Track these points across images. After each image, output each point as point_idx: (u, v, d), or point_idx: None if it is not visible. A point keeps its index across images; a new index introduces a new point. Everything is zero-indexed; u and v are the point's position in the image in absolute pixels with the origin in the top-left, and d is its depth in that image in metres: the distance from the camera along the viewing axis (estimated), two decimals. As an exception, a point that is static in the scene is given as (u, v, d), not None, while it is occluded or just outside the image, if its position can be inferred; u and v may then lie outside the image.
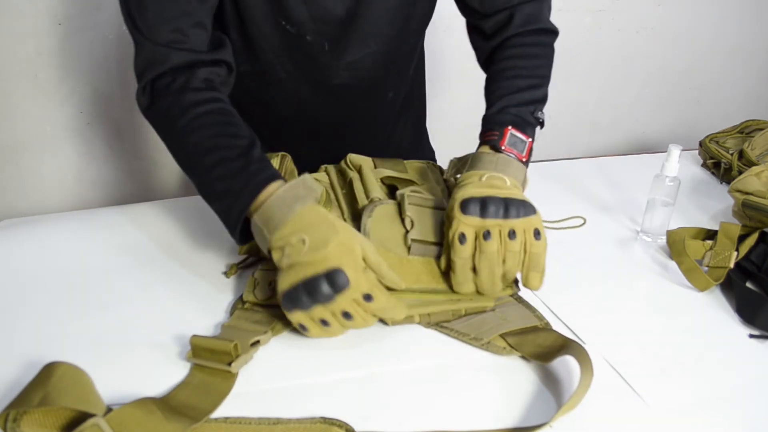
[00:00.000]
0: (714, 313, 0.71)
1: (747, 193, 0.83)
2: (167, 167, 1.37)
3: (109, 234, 0.80)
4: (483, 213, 0.63)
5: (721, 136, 1.14)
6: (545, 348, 0.59)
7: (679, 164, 0.83)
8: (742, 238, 0.78)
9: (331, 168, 0.81)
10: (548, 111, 0.76)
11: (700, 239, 0.79)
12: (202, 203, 0.68)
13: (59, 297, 0.67)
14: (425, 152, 1.05)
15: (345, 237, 0.59)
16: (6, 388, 0.54)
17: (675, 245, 0.78)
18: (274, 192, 0.61)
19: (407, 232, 0.68)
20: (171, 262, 0.74)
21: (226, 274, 0.71)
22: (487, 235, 0.62)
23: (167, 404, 0.51)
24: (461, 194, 0.65)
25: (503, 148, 0.70)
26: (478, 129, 0.74)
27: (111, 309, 0.66)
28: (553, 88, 0.78)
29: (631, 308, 0.71)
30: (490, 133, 0.72)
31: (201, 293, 0.69)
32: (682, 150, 0.83)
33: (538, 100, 0.76)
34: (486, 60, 0.82)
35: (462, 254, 0.63)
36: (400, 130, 0.98)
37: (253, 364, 0.58)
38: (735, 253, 0.75)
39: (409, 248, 0.67)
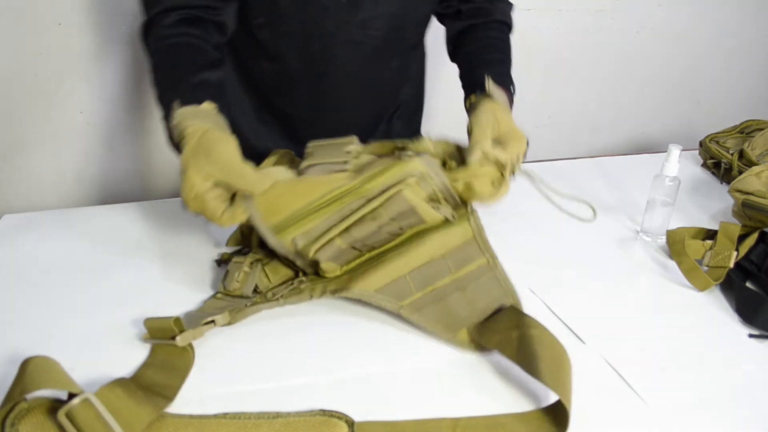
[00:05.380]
0: (714, 313, 0.71)
1: (747, 193, 0.83)
2: (167, 167, 1.37)
3: (108, 233, 0.80)
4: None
5: (721, 136, 1.14)
6: (504, 335, 0.59)
7: (679, 164, 0.83)
8: (742, 238, 0.78)
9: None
10: (548, 111, 0.76)
11: (700, 239, 0.79)
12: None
13: (57, 294, 0.68)
14: None
15: (191, 149, 0.63)
16: (4, 386, 0.54)
17: (675, 245, 0.78)
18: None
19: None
20: (170, 261, 0.74)
21: (218, 262, 0.73)
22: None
23: (138, 382, 0.53)
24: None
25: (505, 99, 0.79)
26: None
27: (109, 307, 0.66)
28: (554, 88, 0.79)
29: (631, 308, 0.71)
30: (502, 86, 0.80)
31: (199, 292, 0.69)
32: (682, 150, 0.83)
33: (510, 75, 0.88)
34: (457, 35, 0.93)
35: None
36: (397, 129, 0.99)
37: (250, 362, 0.58)
38: (735, 253, 0.75)
39: (300, 172, 0.67)
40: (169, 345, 0.58)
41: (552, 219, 0.89)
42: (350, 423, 0.51)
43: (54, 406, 0.48)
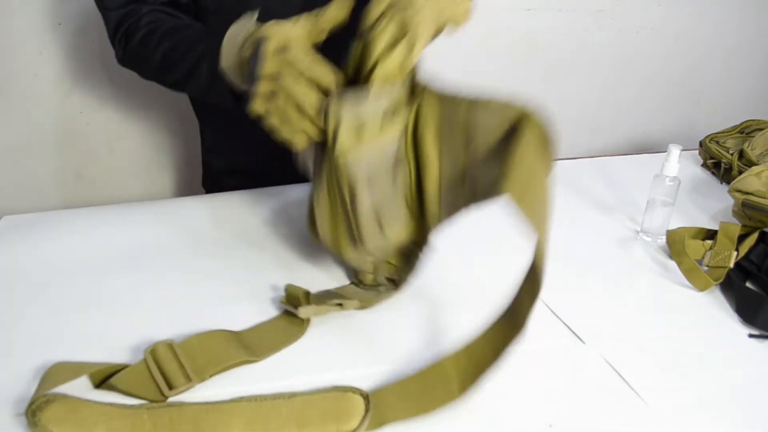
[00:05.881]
0: (714, 313, 0.71)
1: (747, 193, 0.83)
2: (167, 167, 1.37)
3: (108, 233, 0.80)
4: None
5: (721, 136, 1.14)
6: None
7: (679, 164, 0.83)
8: (742, 238, 0.78)
9: None
10: (548, 111, 0.76)
11: (700, 239, 0.79)
12: (202, 203, 0.68)
13: (58, 295, 0.67)
14: None
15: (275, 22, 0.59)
16: (4, 386, 0.54)
17: (675, 245, 0.78)
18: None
19: None
20: (170, 262, 0.74)
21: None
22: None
23: (238, 337, 0.59)
24: None
25: None
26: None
27: (109, 308, 0.66)
28: (553, 88, 0.79)
29: (631, 308, 0.71)
30: None
31: (199, 293, 0.69)
32: (682, 150, 0.83)
33: None
34: None
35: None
36: None
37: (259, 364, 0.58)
38: (735, 253, 0.75)
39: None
40: (290, 314, 0.62)
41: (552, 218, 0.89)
42: (365, 395, 0.52)
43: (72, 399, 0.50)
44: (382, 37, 0.56)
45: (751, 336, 0.67)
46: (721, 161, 1.06)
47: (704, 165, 1.12)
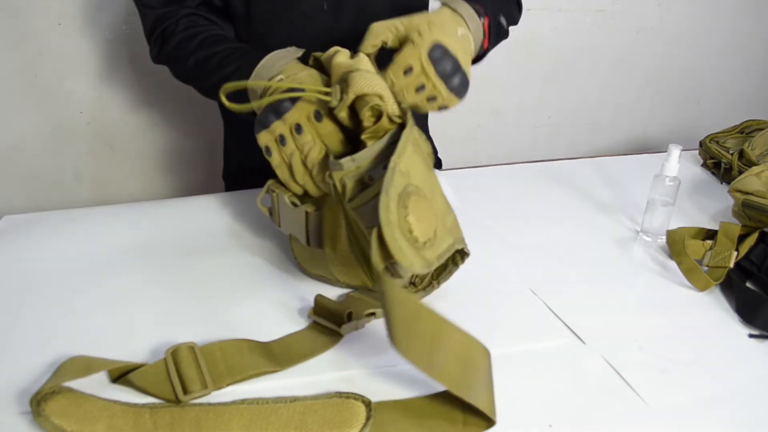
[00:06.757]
0: (714, 313, 0.71)
1: (747, 193, 0.83)
2: (167, 167, 1.37)
3: (108, 233, 0.80)
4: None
5: (721, 136, 1.14)
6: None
7: (679, 164, 0.83)
8: (742, 238, 0.78)
9: None
10: (548, 111, 0.76)
11: (700, 239, 0.80)
12: (202, 203, 0.68)
13: (58, 295, 0.67)
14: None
15: (316, 74, 0.63)
16: (4, 386, 0.54)
17: (675, 245, 0.78)
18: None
19: None
20: (170, 261, 0.74)
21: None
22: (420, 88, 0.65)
23: (263, 347, 0.59)
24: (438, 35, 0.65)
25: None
26: (479, 128, 0.74)
27: (109, 308, 0.66)
28: (554, 88, 0.79)
29: (631, 308, 0.71)
30: (476, 5, 0.72)
31: (200, 293, 0.69)
32: (682, 150, 0.83)
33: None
34: None
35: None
36: None
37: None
38: (735, 253, 0.75)
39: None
40: (319, 325, 0.62)
41: (552, 219, 0.89)
42: (367, 403, 0.52)
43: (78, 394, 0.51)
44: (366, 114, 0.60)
45: (751, 336, 0.67)
46: (721, 161, 1.06)
47: (704, 165, 1.12)
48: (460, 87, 0.67)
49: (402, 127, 0.60)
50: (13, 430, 0.50)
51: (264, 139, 0.64)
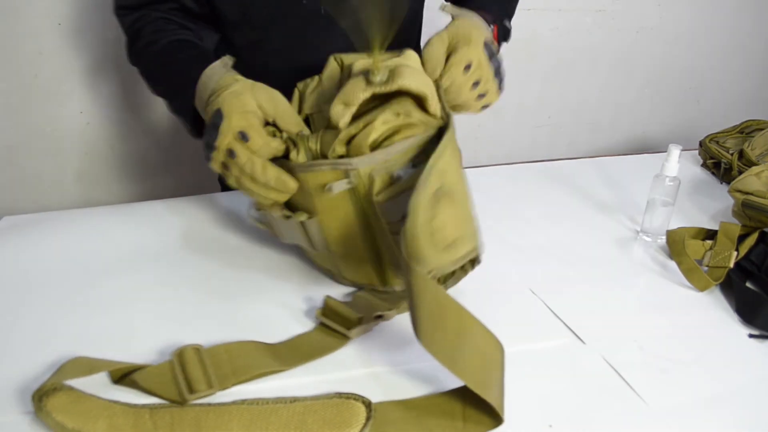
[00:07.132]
0: (714, 313, 0.71)
1: (747, 193, 0.83)
2: (167, 167, 1.37)
3: (108, 233, 0.80)
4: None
5: (721, 136, 1.14)
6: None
7: (679, 164, 0.83)
8: (742, 238, 0.78)
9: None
10: (548, 111, 0.76)
11: (700, 239, 0.80)
12: (202, 203, 0.68)
13: (58, 295, 0.68)
14: None
15: (238, 87, 0.64)
16: (5, 386, 0.54)
17: (675, 245, 0.78)
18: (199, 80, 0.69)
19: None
20: (170, 261, 0.74)
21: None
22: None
23: (270, 348, 0.59)
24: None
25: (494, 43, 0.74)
26: (479, 128, 0.74)
27: (109, 308, 0.66)
28: (554, 88, 0.79)
29: (631, 308, 0.71)
30: (484, 13, 0.75)
31: (200, 293, 0.69)
32: (682, 150, 0.83)
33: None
34: None
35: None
36: None
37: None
38: (735, 253, 0.75)
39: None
40: (326, 326, 0.62)
41: (552, 219, 0.89)
42: (367, 403, 0.52)
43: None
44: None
45: (751, 336, 0.67)
46: (721, 161, 1.06)
47: (704, 165, 1.12)
48: (501, 84, 0.72)
49: (441, 129, 0.61)
50: (14, 430, 0.50)
51: (215, 168, 0.65)
